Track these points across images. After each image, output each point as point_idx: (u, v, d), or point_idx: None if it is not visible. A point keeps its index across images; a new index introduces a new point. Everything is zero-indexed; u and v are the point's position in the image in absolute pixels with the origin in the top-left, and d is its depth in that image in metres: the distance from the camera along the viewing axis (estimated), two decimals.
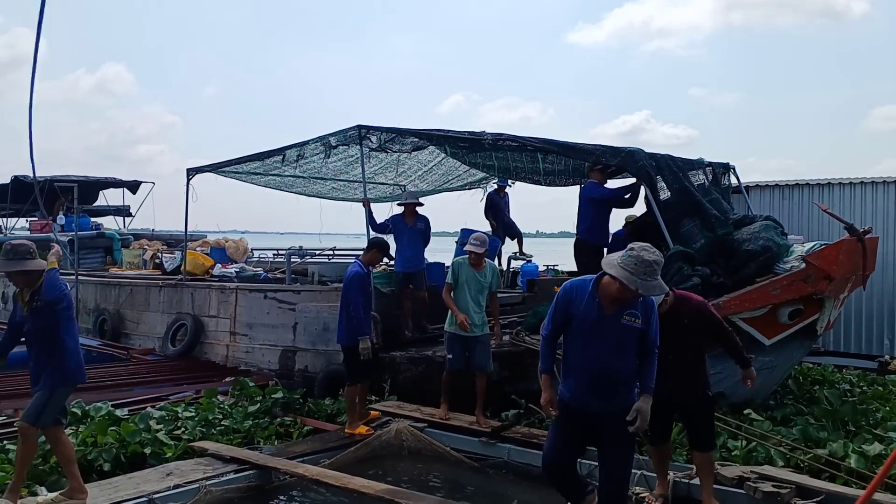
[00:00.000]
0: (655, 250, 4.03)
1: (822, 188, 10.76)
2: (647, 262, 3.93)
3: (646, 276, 3.91)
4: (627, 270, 3.93)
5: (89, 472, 5.99)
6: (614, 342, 4.13)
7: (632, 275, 3.91)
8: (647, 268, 3.92)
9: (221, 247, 13.33)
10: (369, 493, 5.36)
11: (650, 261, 3.94)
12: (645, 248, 4.01)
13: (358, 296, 7.07)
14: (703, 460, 5.15)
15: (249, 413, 7.51)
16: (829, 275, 6.94)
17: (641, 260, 3.93)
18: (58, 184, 17.19)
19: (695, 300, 5.12)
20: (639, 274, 3.91)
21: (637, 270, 3.92)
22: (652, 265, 3.94)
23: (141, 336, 12.03)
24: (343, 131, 8.99)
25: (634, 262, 3.94)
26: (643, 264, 3.92)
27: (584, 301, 4.15)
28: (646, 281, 3.91)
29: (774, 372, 7.67)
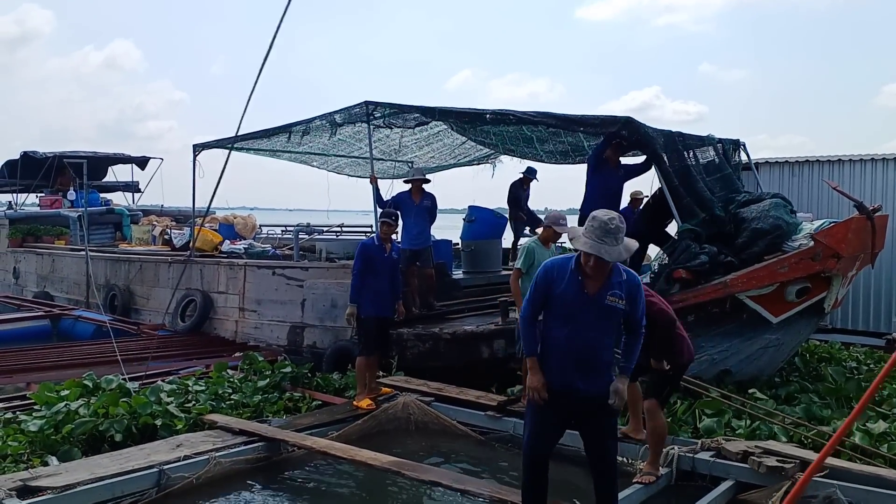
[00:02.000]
0: (617, 215, 3.95)
1: (832, 165, 10.68)
2: (607, 227, 3.85)
3: (605, 241, 3.83)
4: (589, 238, 3.87)
5: (101, 443, 6.10)
6: (594, 322, 4.03)
7: (594, 241, 3.84)
8: (606, 233, 3.84)
9: (230, 223, 13.37)
10: (376, 465, 5.43)
11: (611, 226, 3.86)
12: (606, 212, 3.95)
13: (356, 263, 7.22)
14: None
15: (259, 387, 7.59)
16: (838, 253, 6.92)
17: (601, 224, 3.86)
18: (67, 160, 17.27)
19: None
20: (599, 239, 3.84)
21: (597, 235, 3.85)
22: (612, 230, 3.85)
23: (150, 311, 12.14)
24: (350, 108, 8.98)
25: (595, 227, 3.87)
26: (603, 229, 3.85)
27: (566, 280, 4.04)
28: (606, 245, 3.82)
29: (781, 349, 7.69)
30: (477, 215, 11.30)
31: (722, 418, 6.27)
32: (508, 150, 10.47)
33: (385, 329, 7.47)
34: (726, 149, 8.94)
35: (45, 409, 6.47)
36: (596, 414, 4.14)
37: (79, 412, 6.36)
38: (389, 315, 7.42)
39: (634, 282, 4.07)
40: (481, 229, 11.24)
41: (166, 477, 5.30)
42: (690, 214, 7.69)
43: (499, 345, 7.85)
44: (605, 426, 4.20)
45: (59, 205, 17.58)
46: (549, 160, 10.79)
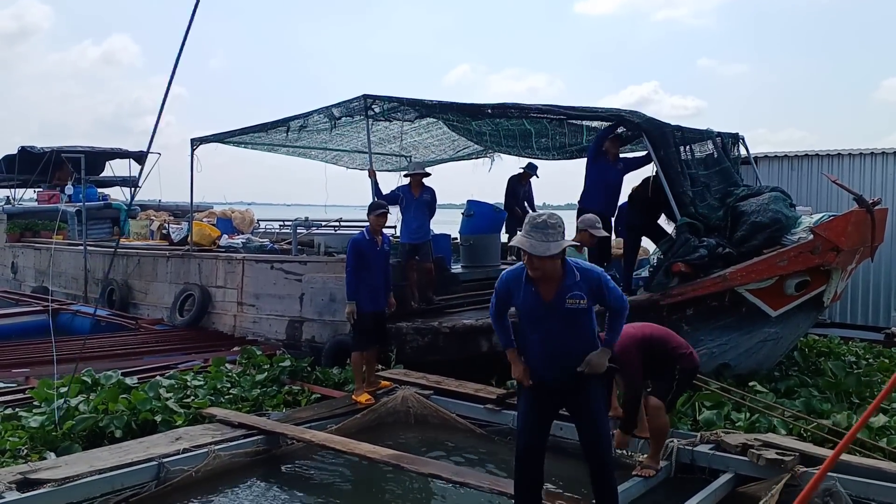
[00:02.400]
0: (553, 213, 3.90)
1: (831, 159, 10.68)
2: (535, 222, 3.82)
3: (532, 235, 3.79)
4: (523, 236, 3.84)
5: (101, 439, 6.10)
6: (563, 327, 3.99)
7: (525, 238, 3.81)
8: (533, 227, 3.80)
9: (228, 217, 13.36)
10: (375, 458, 5.42)
11: (538, 220, 3.82)
12: (542, 213, 3.93)
13: (349, 260, 7.17)
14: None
15: (257, 381, 7.58)
16: (837, 246, 6.92)
17: (531, 219, 3.85)
18: (65, 154, 17.23)
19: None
20: (526, 234, 3.81)
21: (526, 230, 3.82)
22: (539, 224, 3.81)
23: (149, 306, 12.13)
24: (348, 101, 8.96)
25: (526, 223, 3.86)
26: (531, 224, 3.83)
27: (521, 290, 3.99)
28: (532, 239, 3.78)
29: (780, 343, 7.70)
30: (476, 210, 11.29)
31: (721, 411, 6.28)
32: (503, 149, 10.47)
33: (381, 323, 7.45)
34: (725, 142, 8.93)
35: (45, 405, 6.46)
36: (579, 388, 4.12)
37: (79, 409, 6.36)
38: (382, 308, 7.40)
39: (592, 276, 3.99)
40: (480, 224, 11.23)
41: (166, 470, 5.30)
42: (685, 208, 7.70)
43: (497, 338, 7.84)
44: (591, 394, 4.14)
45: (56, 200, 17.55)
46: (545, 156, 10.79)
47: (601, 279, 4.02)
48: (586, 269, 4.00)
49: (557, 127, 9.48)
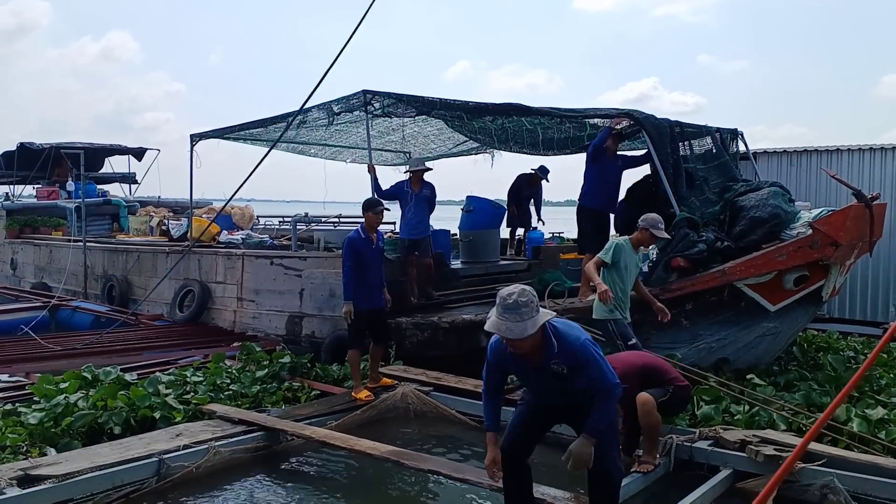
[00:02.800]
0: (523, 289, 3.68)
1: (830, 154, 10.68)
2: (506, 303, 3.61)
3: (506, 317, 3.60)
4: (497, 318, 3.64)
5: (100, 435, 6.11)
6: (556, 385, 3.90)
7: (499, 320, 3.62)
8: (505, 309, 3.61)
9: (227, 214, 13.35)
10: (375, 454, 5.44)
11: (509, 301, 3.61)
12: (510, 289, 3.69)
13: (346, 260, 7.10)
14: None
15: (257, 378, 7.59)
16: (836, 241, 6.93)
17: (501, 300, 3.64)
18: (64, 150, 17.21)
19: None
20: (500, 315, 3.62)
21: (499, 312, 3.64)
22: (511, 305, 3.60)
23: (149, 302, 12.12)
24: (348, 97, 8.95)
25: (497, 304, 3.66)
26: (502, 305, 3.62)
27: (507, 356, 3.88)
28: (507, 321, 3.59)
29: (779, 338, 7.71)
30: (476, 205, 11.29)
31: (720, 405, 6.29)
32: (504, 146, 10.46)
33: (379, 319, 7.43)
34: (724, 138, 8.94)
35: (45, 401, 6.47)
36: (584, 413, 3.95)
37: (78, 405, 6.37)
38: (381, 305, 7.39)
39: (570, 350, 3.77)
40: (480, 219, 11.24)
41: (166, 466, 5.31)
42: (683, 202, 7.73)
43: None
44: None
45: (56, 196, 17.55)
46: (547, 153, 10.78)
47: (579, 354, 3.78)
48: (566, 342, 3.78)
49: (558, 123, 9.48)
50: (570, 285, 8.35)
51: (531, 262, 11.25)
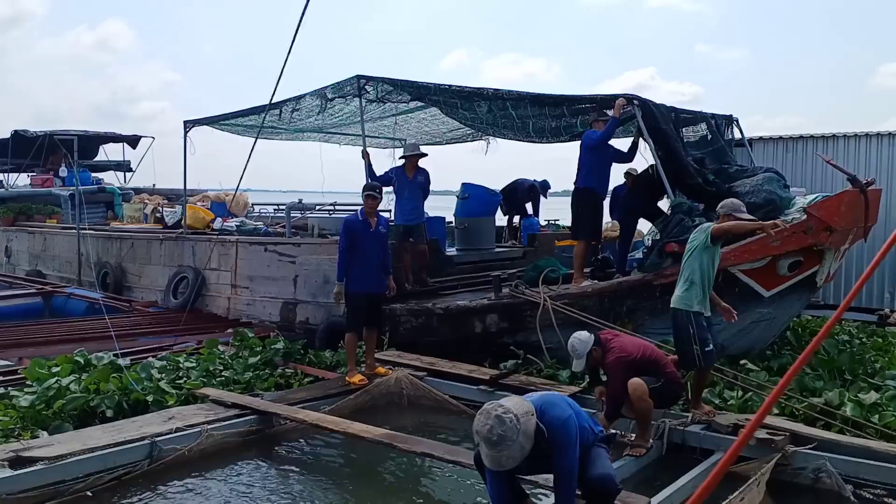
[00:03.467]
0: (496, 416, 3.56)
1: (826, 141, 10.66)
2: (490, 440, 3.55)
3: (498, 450, 3.56)
4: (487, 452, 3.61)
5: (92, 418, 6.10)
6: (543, 461, 3.82)
7: (491, 454, 3.60)
8: (493, 445, 3.56)
9: (222, 201, 13.30)
10: (368, 438, 5.43)
11: (493, 437, 3.54)
12: (482, 423, 3.58)
13: (341, 241, 7.16)
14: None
15: (250, 364, 7.57)
16: (830, 226, 6.92)
17: (485, 440, 3.58)
18: (58, 138, 17.13)
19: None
20: (493, 452, 3.58)
21: (487, 450, 3.60)
22: (495, 440, 3.54)
23: (143, 289, 12.11)
24: (341, 83, 8.89)
25: (481, 443, 3.62)
26: (488, 443, 3.58)
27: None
28: (502, 454, 3.56)
29: (773, 323, 7.71)
30: (471, 192, 11.26)
31: (714, 389, 6.30)
32: (498, 133, 10.38)
33: (375, 305, 7.42)
34: (719, 124, 8.91)
35: (37, 384, 6.45)
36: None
37: (70, 388, 6.34)
38: (378, 291, 7.36)
39: (555, 426, 3.74)
40: (475, 206, 11.21)
41: (158, 449, 5.31)
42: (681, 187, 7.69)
43: (491, 319, 7.86)
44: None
45: (50, 184, 17.47)
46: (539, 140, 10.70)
47: (560, 434, 3.74)
48: (553, 427, 3.74)
49: (553, 110, 9.38)
50: (564, 272, 8.33)
51: (526, 249, 11.24)
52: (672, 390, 5.50)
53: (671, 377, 5.46)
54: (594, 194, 8.25)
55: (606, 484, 3.75)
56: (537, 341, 7.46)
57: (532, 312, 7.55)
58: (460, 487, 5.14)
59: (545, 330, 7.43)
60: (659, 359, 5.50)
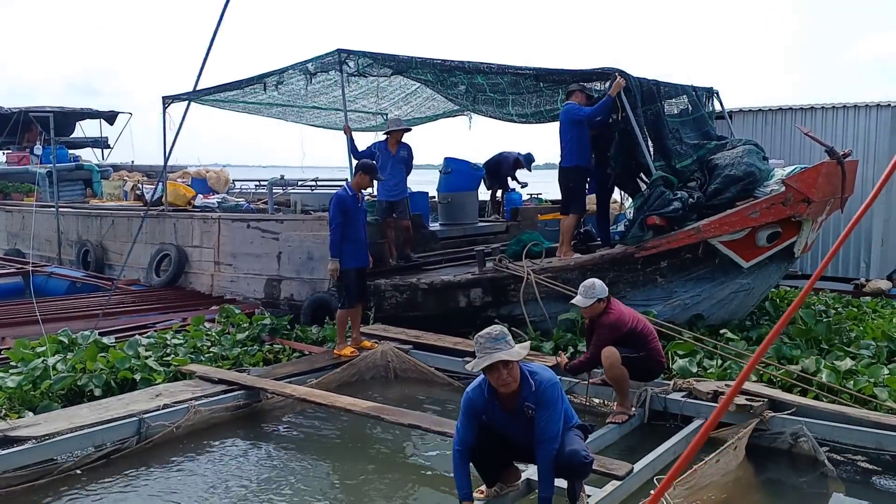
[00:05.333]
0: (498, 326, 3.85)
1: (804, 113, 10.77)
2: (492, 335, 3.74)
3: (498, 346, 3.71)
4: (483, 354, 3.74)
5: (80, 397, 6.11)
6: (522, 430, 3.90)
7: (488, 353, 3.72)
8: (494, 340, 3.73)
9: (202, 177, 13.23)
10: (356, 410, 5.50)
11: (494, 332, 3.76)
12: (485, 329, 3.82)
13: (335, 217, 7.05)
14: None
15: (237, 340, 7.61)
16: (808, 197, 7.03)
17: (486, 335, 3.76)
18: (33, 114, 16.88)
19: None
20: (492, 349, 3.71)
21: (488, 348, 3.73)
22: (497, 335, 3.74)
23: (125, 267, 12.02)
24: (322, 56, 8.84)
25: (482, 343, 3.76)
26: (488, 338, 3.74)
27: (485, 405, 3.90)
28: (500, 350, 3.70)
29: (752, 294, 7.85)
30: (453, 167, 11.27)
31: (694, 359, 6.43)
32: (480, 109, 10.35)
33: (363, 279, 7.47)
34: (699, 96, 8.96)
35: (22, 365, 6.44)
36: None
37: (56, 368, 6.34)
38: (366, 265, 7.41)
39: (544, 386, 3.82)
40: (458, 181, 11.23)
41: (146, 426, 5.34)
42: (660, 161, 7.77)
43: (476, 294, 7.94)
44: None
45: (26, 161, 17.24)
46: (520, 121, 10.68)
47: (547, 392, 3.81)
48: (540, 381, 3.84)
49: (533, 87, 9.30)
50: (547, 245, 8.40)
51: (509, 223, 11.29)
52: (650, 366, 5.58)
53: (654, 353, 5.55)
54: (581, 170, 8.27)
55: (575, 457, 3.80)
56: (521, 314, 7.55)
57: (516, 286, 7.64)
58: (448, 458, 5.21)
59: (529, 303, 7.52)
60: (648, 334, 5.58)
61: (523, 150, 12.94)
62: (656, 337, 5.67)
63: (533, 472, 4.22)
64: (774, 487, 4.83)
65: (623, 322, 5.45)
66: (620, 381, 5.46)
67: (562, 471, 3.88)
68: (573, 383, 6.11)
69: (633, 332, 5.48)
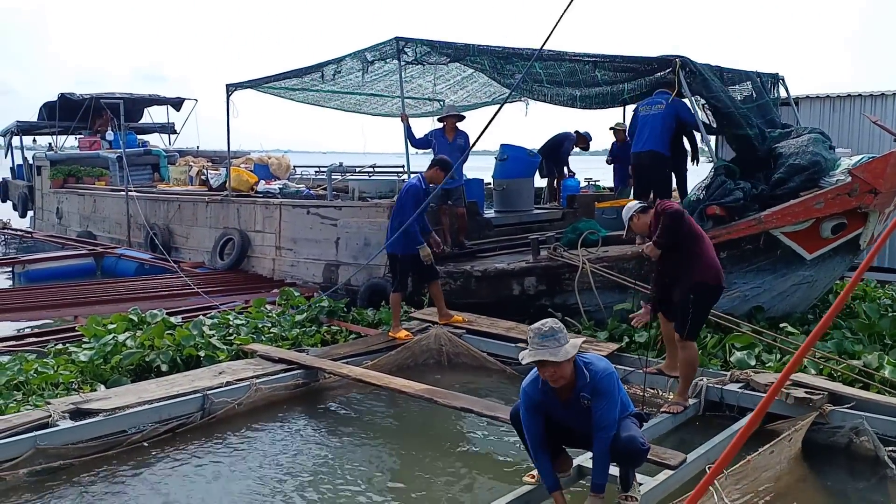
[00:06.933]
0: (553, 320, 3.80)
1: (874, 99, 10.37)
2: (542, 331, 3.71)
3: (546, 345, 3.68)
4: (531, 349, 3.72)
5: (147, 373, 6.39)
6: (580, 421, 3.89)
7: (535, 349, 3.70)
8: (543, 337, 3.69)
9: (265, 164, 13.51)
10: (409, 392, 5.61)
11: (545, 329, 3.71)
12: (539, 322, 3.78)
13: (410, 209, 7.20)
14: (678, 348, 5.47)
15: (297, 321, 7.82)
16: (875, 188, 6.81)
17: (536, 331, 3.73)
18: (104, 101, 17.51)
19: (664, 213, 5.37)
20: (539, 346, 3.69)
21: (537, 343, 3.71)
22: (546, 332, 3.70)
23: (190, 250, 12.45)
24: (380, 45, 8.93)
25: (532, 337, 3.74)
26: (539, 334, 3.71)
27: (542, 397, 3.89)
28: (548, 348, 3.67)
29: (815, 286, 7.66)
30: (509, 154, 11.22)
31: (752, 352, 6.32)
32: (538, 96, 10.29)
33: (421, 262, 7.57)
34: (764, 82, 8.75)
35: (94, 341, 6.76)
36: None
37: (126, 344, 6.64)
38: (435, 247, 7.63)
39: (600, 376, 3.81)
40: (514, 168, 11.19)
41: (210, 402, 5.57)
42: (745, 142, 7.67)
43: (530, 282, 7.95)
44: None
45: (97, 146, 17.91)
46: (582, 105, 10.58)
47: (604, 383, 3.81)
48: (595, 372, 3.83)
49: (591, 73, 9.19)
50: (604, 234, 8.34)
51: (566, 210, 11.23)
52: (700, 290, 5.28)
53: (701, 263, 5.26)
54: (670, 160, 8.37)
55: (632, 443, 3.80)
56: (575, 304, 7.54)
57: (570, 275, 7.62)
58: (499, 442, 5.30)
59: (583, 293, 7.50)
60: (705, 236, 5.47)
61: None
62: (712, 246, 5.48)
63: (584, 460, 4.26)
64: (830, 486, 4.72)
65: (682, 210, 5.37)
66: (692, 364, 5.44)
67: (617, 457, 3.90)
68: (628, 372, 6.10)
69: (693, 227, 5.38)
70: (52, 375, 5.97)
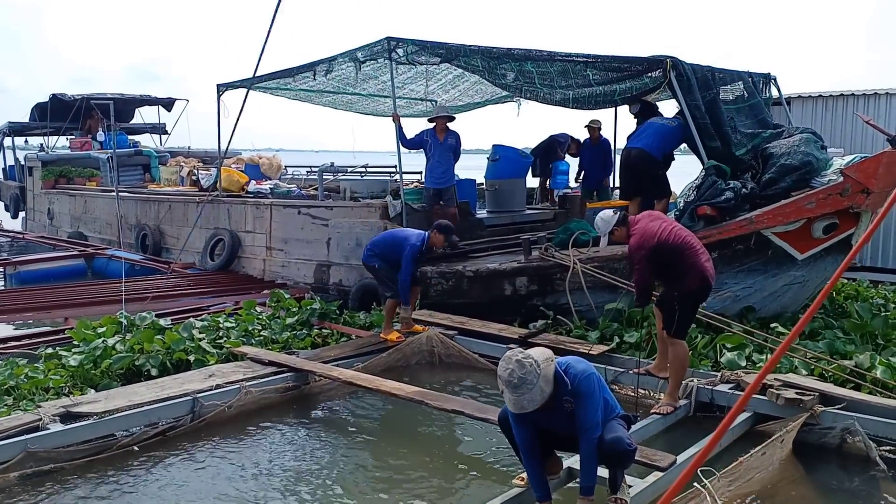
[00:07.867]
0: (517, 361, 3.64)
1: (867, 99, 10.38)
2: (511, 382, 3.62)
3: (520, 393, 3.62)
4: (510, 397, 3.66)
5: (137, 377, 6.35)
6: (563, 422, 3.85)
7: (514, 399, 3.65)
8: (514, 388, 3.63)
9: (255, 164, 13.48)
10: (400, 395, 5.58)
11: (513, 380, 3.61)
12: (503, 368, 3.66)
13: (409, 269, 7.11)
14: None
15: (287, 324, 7.79)
16: (867, 188, 6.83)
17: (506, 383, 3.65)
18: (94, 101, 17.44)
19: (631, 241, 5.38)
20: (512, 399, 3.65)
21: (508, 396, 3.67)
22: (516, 382, 3.61)
23: (180, 251, 12.39)
24: (371, 45, 8.90)
25: (505, 389, 3.67)
26: (511, 387, 3.64)
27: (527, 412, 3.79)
28: (524, 397, 3.62)
29: (806, 286, 7.67)
30: (501, 154, 11.21)
31: (743, 352, 6.32)
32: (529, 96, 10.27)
33: None
34: (755, 82, 8.75)
35: (83, 344, 6.72)
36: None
37: (115, 348, 6.60)
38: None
39: (580, 379, 3.77)
40: (506, 168, 11.17)
41: (200, 405, 5.53)
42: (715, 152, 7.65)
43: (521, 282, 7.94)
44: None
45: (88, 147, 17.85)
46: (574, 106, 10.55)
47: (583, 385, 3.76)
48: (575, 376, 3.78)
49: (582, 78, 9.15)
50: (595, 234, 8.32)
51: (557, 211, 11.22)
52: (687, 294, 5.25)
53: (693, 269, 5.16)
54: (658, 161, 8.36)
55: (618, 444, 3.79)
56: (567, 304, 7.54)
57: (562, 275, 7.62)
58: (490, 444, 5.28)
59: (574, 292, 7.49)
60: (686, 246, 5.23)
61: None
62: (699, 250, 5.29)
63: (574, 462, 4.24)
64: (822, 486, 4.72)
65: (648, 235, 5.23)
66: (682, 363, 5.43)
67: (604, 458, 3.88)
68: (618, 373, 6.09)
69: (666, 246, 5.18)
70: (43, 380, 5.94)
